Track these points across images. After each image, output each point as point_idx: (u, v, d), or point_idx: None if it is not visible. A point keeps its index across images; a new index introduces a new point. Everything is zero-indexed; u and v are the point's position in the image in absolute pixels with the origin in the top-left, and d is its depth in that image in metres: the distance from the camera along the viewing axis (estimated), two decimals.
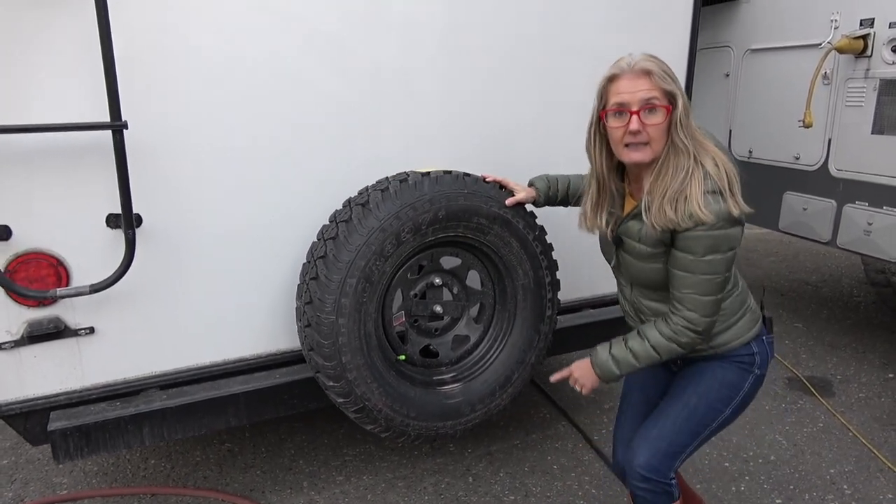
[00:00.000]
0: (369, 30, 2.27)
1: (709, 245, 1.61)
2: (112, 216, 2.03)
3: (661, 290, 1.79)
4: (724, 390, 1.83)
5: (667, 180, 1.63)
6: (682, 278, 1.67)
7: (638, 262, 1.77)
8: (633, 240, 1.75)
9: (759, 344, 1.84)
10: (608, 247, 1.91)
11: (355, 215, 2.05)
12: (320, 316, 2.03)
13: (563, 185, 2.24)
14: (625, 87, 1.64)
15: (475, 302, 2.44)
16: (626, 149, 1.67)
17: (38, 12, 1.84)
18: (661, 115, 1.62)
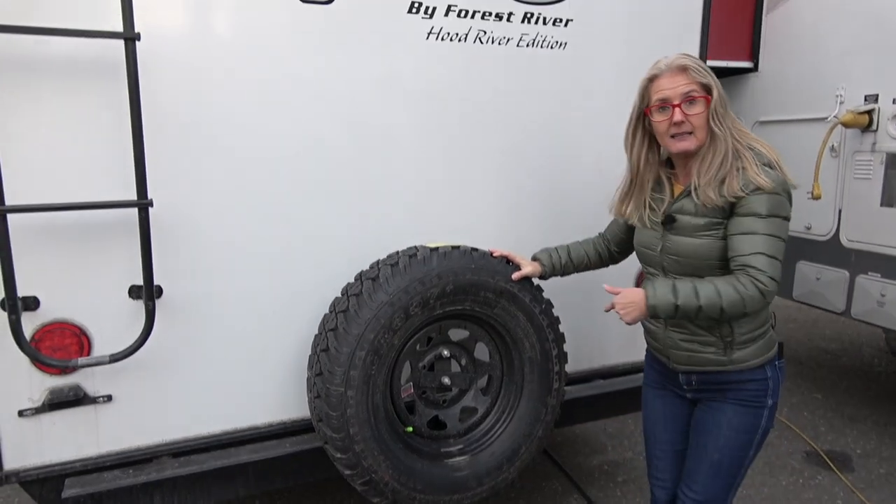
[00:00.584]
0: (384, 107, 2.40)
1: (771, 206, 1.73)
2: (134, 288, 2.12)
3: (700, 275, 1.85)
4: (742, 437, 1.90)
5: (715, 161, 1.79)
6: (748, 240, 1.74)
7: (689, 237, 1.86)
8: (689, 214, 1.86)
9: (773, 368, 1.91)
10: (649, 235, 1.99)
11: (366, 289, 2.12)
12: (329, 388, 2.08)
13: (565, 255, 2.33)
14: (665, 83, 1.84)
15: (483, 374, 2.47)
16: (672, 140, 1.85)
17: (71, 96, 1.98)
18: (701, 105, 1.80)
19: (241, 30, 2.17)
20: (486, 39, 2.54)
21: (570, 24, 2.67)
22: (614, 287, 1.96)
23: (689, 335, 1.93)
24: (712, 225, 1.82)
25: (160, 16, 2.05)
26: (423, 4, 2.41)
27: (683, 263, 1.89)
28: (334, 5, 2.28)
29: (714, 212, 1.81)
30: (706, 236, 1.84)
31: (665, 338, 2.00)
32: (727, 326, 1.86)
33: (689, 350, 1.94)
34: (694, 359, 1.94)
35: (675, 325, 1.95)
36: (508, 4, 2.55)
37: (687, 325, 1.92)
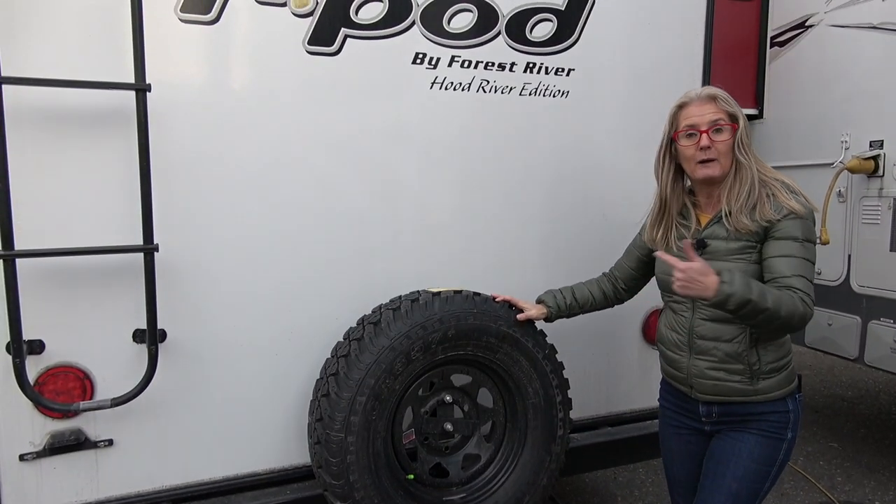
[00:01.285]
0: (390, 155, 2.45)
1: (805, 230, 1.81)
2: (138, 331, 2.14)
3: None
4: (761, 468, 1.89)
5: (743, 189, 1.86)
6: (787, 262, 1.79)
7: (722, 261, 1.88)
8: (722, 239, 1.90)
9: (794, 401, 1.93)
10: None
11: (367, 334, 2.12)
12: (329, 433, 2.06)
13: (570, 296, 2.34)
14: (694, 111, 1.92)
15: (486, 420, 2.45)
16: (698, 166, 1.91)
17: (81, 143, 2.04)
18: (727, 133, 1.88)
19: (249, 80, 2.24)
20: (489, 89, 2.60)
21: (573, 73, 2.73)
22: (674, 259, 1.83)
23: (716, 363, 1.92)
24: (746, 248, 1.86)
25: (170, 68, 2.12)
26: (428, 55, 2.47)
27: None
28: (340, 56, 2.35)
29: (748, 235, 1.86)
30: (740, 260, 1.87)
31: (690, 367, 1.98)
32: (755, 354, 1.88)
33: (716, 379, 1.93)
34: (720, 388, 1.93)
35: (700, 352, 1.95)
36: (511, 55, 2.61)
37: (714, 353, 1.92)
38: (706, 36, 3.00)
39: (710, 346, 1.92)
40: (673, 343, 2.04)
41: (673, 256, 1.88)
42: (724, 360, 1.91)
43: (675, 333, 2.03)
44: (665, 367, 2.12)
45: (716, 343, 1.92)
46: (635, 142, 2.87)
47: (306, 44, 2.29)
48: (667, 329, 2.07)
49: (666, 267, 1.99)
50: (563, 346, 2.57)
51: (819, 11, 3.99)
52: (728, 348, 1.90)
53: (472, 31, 2.53)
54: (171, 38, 2.12)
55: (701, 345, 1.95)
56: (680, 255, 1.95)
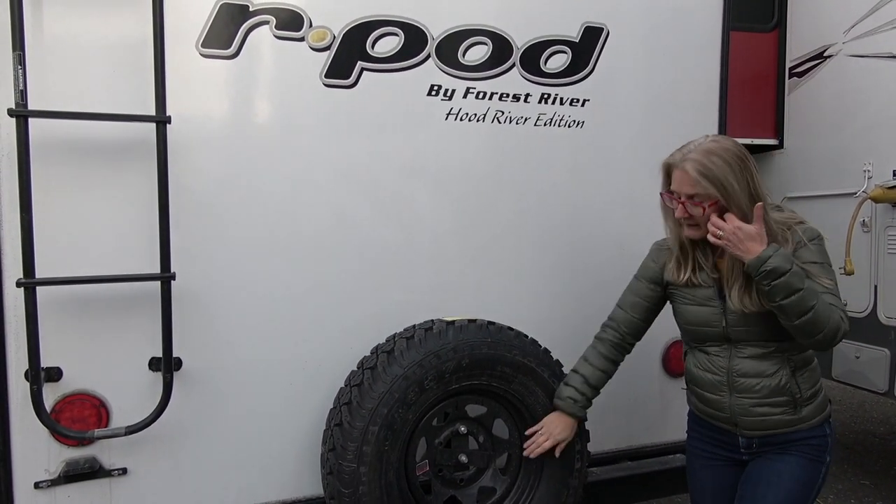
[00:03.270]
0: (405, 186, 2.47)
1: (822, 255, 1.83)
2: (154, 360, 2.15)
3: (766, 341, 1.86)
4: (802, 490, 1.87)
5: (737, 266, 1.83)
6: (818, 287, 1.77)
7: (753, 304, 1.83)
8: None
9: (829, 426, 1.94)
10: (705, 312, 1.94)
11: (380, 362, 2.11)
12: (342, 463, 2.04)
13: (589, 390, 2.21)
14: (675, 177, 1.88)
15: (502, 452, 2.41)
16: (682, 226, 1.91)
17: (102, 173, 2.09)
18: (700, 210, 1.83)
19: (267, 113, 2.29)
20: (503, 119, 2.62)
21: (587, 103, 2.74)
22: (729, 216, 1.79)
23: (760, 398, 1.88)
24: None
25: (190, 101, 2.17)
26: (443, 87, 2.51)
27: (753, 330, 1.88)
28: (357, 89, 2.39)
29: None
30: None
31: (733, 405, 1.93)
32: (796, 383, 1.86)
33: (762, 415, 1.89)
34: (766, 423, 1.89)
35: (743, 390, 1.90)
36: (526, 86, 2.63)
37: (757, 389, 1.88)
38: (721, 67, 2.99)
39: (753, 383, 1.88)
40: (710, 384, 1.97)
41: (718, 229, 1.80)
42: (769, 395, 1.87)
43: (711, 374, 1.97)
44: (702, 407, 2.05)
45: (759, 380, 1.88)
46: (652, 172, 2.82)
47: (323, 77, 2.34)
48: (700, 371, 2.00)
49: (699, 317, 1.97)
50: None
51: (837, 42, 3.98)
52: (771, 383, 1.87)
53: (486, 64, 2.56)
54: (193, 73, 2.18)
55: (743, 383, 1.90)
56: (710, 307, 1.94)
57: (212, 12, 2.17)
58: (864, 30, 3.79)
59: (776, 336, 1.86)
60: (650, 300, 2.17)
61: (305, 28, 2.30)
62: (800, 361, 1.90)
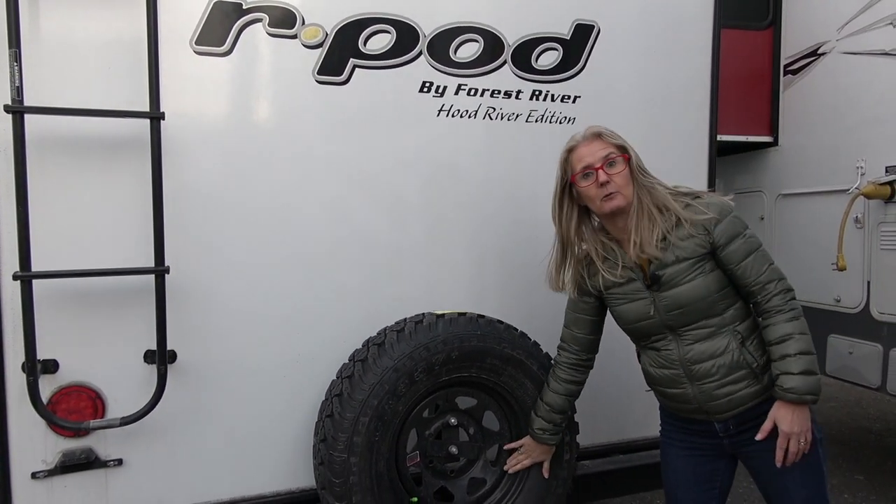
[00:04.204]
0: (397, 182, 2.49)
1: (740, 225, 1.87)
2: (150, 352, 2.18)
3: (706, 319, 1.90)
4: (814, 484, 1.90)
5: (643, 218, 1.90)
6: (751, 263, 1.85)
7: (681, 284, 1.89)
8: (671, 265, 1.90)
9: (819, 428, 1.92)
10: (637, 306, 1.98)
11: (371, 355, 2.15)
12: (333, 454, 2.08)
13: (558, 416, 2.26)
14: (584, 151, 1.96)
15: (492, 443, 2.44)
16: (602, 201, 1.92)
17: (97, 168, 2.12)
18: (621, 164, 1.92)
19: (260, 109, 2.32)
20: (495, 116, 2.64)
21: (579, 100, 2.77)
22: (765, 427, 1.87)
23: (720, 379, 1.90)
24: (697, 262, 1.88)
25: (184, 98, 2.20)
26: (435, 84, 2.54)
27: (688, 312, 1.90)
28: (349, 86, 2.42)
29: (693, 251, 1.88)
30: (697, 275, 1.88)
31: (698, 395, 1.94)
32: (748, 353, 1.89)
33: (728, 395, 1.90)
34: (734, 401, 1.91)
35: (701, 377, 1.91)
36: (517, 83, 2.66)
37: (714, 371, 1.89)
38: (713, 64, 3.01)
39: (708, 366, 1.90)
40: (669, 380, 1.99)
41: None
42: (727, 373, 1.89)
43: (667, 370, 1.98)
44: (669, 404, 2.07)
45: (712, 361, 1.89)
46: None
47: (316, 74, 2.36)
48: (656, 368, 2.02)
49: (632, 313, 1.99)
50: None
51: (831, 39, 4.00)
52: (725, 360, 1.89)
53: (478, 61, 2.59)
54: (187, 70, 2.21)
55: (699, 369, 1.91)
56: (639, 299, 1.97)
57: (205, 10, 2.20)
58: (858, 27, 3.81)
59: (712, 312, 1.90)
60: (590, 312, 2.17)
61: (298, 26, 2.33)
62: (745, 331, 1.91)
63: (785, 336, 1.81)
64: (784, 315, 1.83)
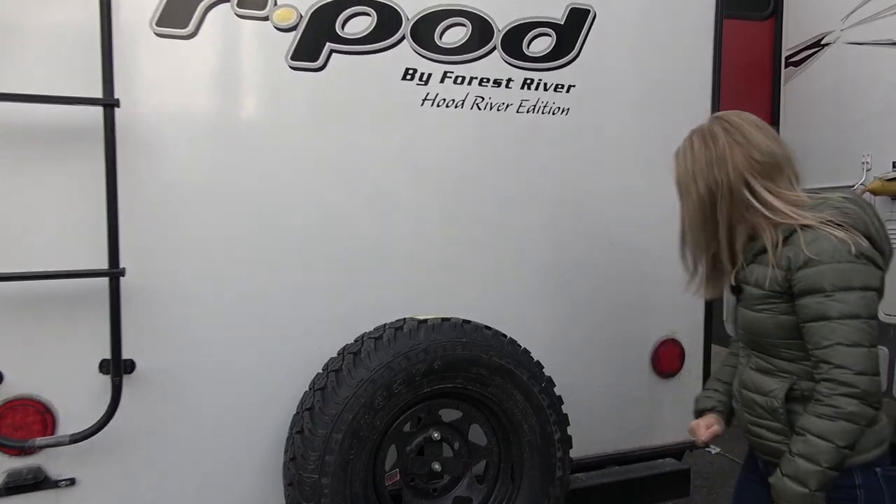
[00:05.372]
0: (376, 175, 2.33)
1: (834, 277, 1.42)
2: (105, 362, 2.01)
3: (769, 356, 1.61)
4: None
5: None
6: (816, 329, 1.45)
7: (750, 309, 1.62)
8: (751, 284, 1.61)
9: (868, 475, 1.49)
10: (731, 307, 1.83)
11: (346, 365, 1.98)
12: (303, 474, 1.90)
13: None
14: None
15: (478, 459, 2.27)
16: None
17: (46, 165, 1.94)
18: None
19: (228, 97, 2.16)
20: (484, 105, 2.48)
21: (573, 90, 2.60)
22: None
23: (756, 418, 1.64)
24: (768, 298, 1.57)
25: (143, 84, 2.02)
26: (418, 71, 2.37)
27: (753, 339, 1.65)
28: (326, 72, 2.24)
29: (769, 283, 1.55)
30: (763, 310, 1.58)
31: (740, 418, 1.72)
32: (787, 413, 1.56)
33: (759, 437, 1.64)
34: (764, 447, 1.64)
35: (745, 404, 1.68)
36: (507, 71, 2.49)
37: (754, 406, 1.64)
38: (715, 54, 2.85)
39: (752, 398, 1.65)
40: (734, 392, 1.78)
41: None
42: (762, 415, 1.63)
43: (735, 381, 1.77)
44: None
45: (757, 396, 1.64)
46: (642, 163, 2.73)
47: (289, 59, 2.20)
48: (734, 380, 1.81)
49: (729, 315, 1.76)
50: (565, 379, 2.41)
51: (835, 29, 3.84)
52: (766, 403, 1.61)
53: (465, 46, 2.42)
54: (145, 53, 2.03)
55: (745, 396, 1.68)
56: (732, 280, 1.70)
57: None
58: (864, 16, 3.65)
59: (775, 353, 1.61)
60: None
61: (270, 6, 2.15)
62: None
63: (800, 430, 1.49)
64: (817, 407, 1.46)
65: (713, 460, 4.45)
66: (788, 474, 1.47)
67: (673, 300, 2.83)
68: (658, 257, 2.77)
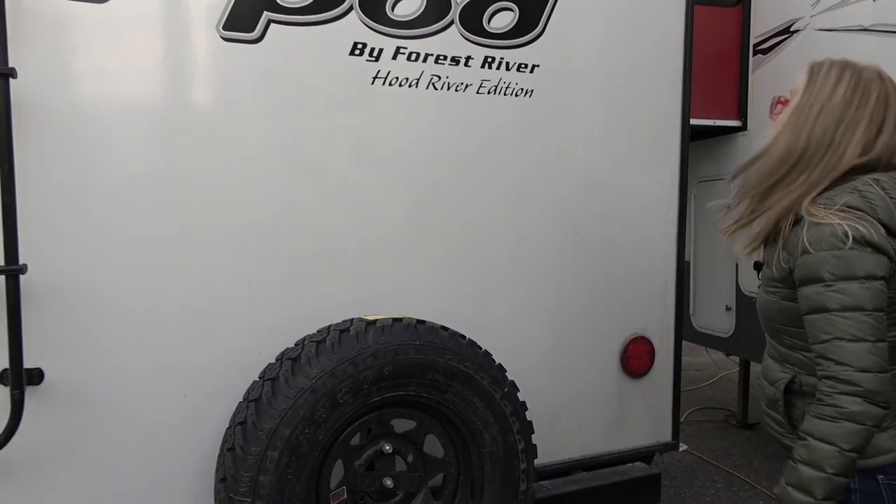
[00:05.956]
0: (321, 159, 2.13)
1: (832, 265, 1.30)
2: (4, 372, 1.75)
3: (776, 339, 1.52)
4: None
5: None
6: (813, 321, 1.33)
7: (763, 291, 1.51)
8: (766, 264, 1.49)
9: (870, 481, 1.38)
10: None
11: (283, 372, 1.75)
12: (233, 497, 1.68)
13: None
14: None
15: (435, 473, 2.07)
16: None
17: None
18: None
19: (148, 69, 1.91)
20: (440, 85, 2.28)
21: (537, 70, 2.41)
22: None
23: (765, 404, 1.56)
24: (775, 281, 1.46)
25: (47, 53, 1.77)
26: (368, 46, 2.16)
27: (763, 323, 1.55)
28: (263, 44, 2.02)
29: (777, 266, 1.44)
30: (770, 293, 1.48)
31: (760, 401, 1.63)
32: (784, 406, 1.48)
33: (767, 424, 1.56)
34: (771, 435, 1.56)
35: (760, 388, 1.58)
36: (466, 48, 2.30)
37: (764, 392, 1.55)
38: (686, 37, 2.69)
39: (763, 384, 1.57)
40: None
41: None
42: (769, 404, 1.54)
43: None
44: None
45: (764, 382, 1.56)
46: (610, 150, 2.56)
47: (221, 29, 1.97)
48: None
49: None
50: (529, 382, 2.26)
51: (805, 15, 3.74)
52: (769, 393, 1.53)
53: (420, 20, 2.22)
54: (49, 19, 1.78)
55: (762, 380, 1.59)
56: None
57: None
58: (834, 2, 3.55)
59: (779, 340, 1.51)
60: None
61: None
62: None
63: (803, 434, 1.36)
64: (820, 408, 1.33)
65: (681, 458, 4.34)
66: (792, 483, 1.33)
67: (642, 296, 2.70)
68: (627, 250, 2.63)
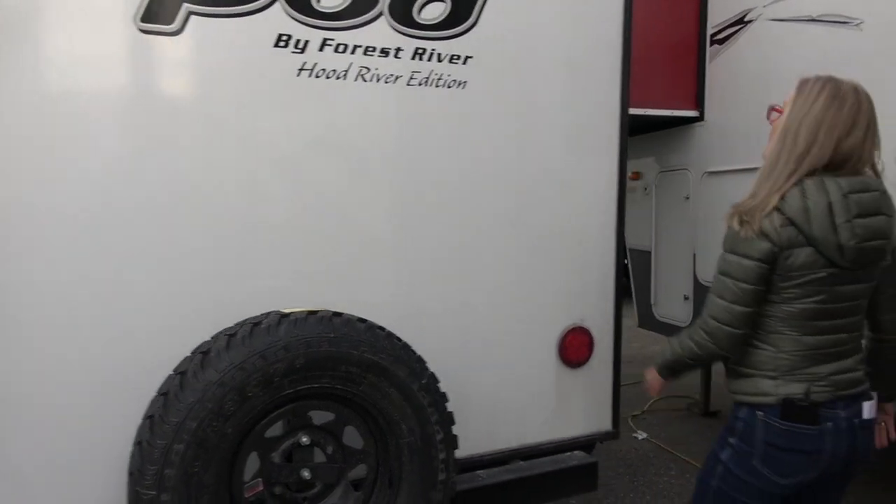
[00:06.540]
0: (245, 153, 2.11)
1: (729, 241, 1.70)
2: None
3: None
4: (707, 462, 1.83)
5: None
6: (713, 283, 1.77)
7: None
8: None
9: (749, 415, 1.71)
10: None
11: (192, 366, 1.75)
12: (139, 490, 1.68)
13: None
14: None
15: (354, 464, 2.08)
16: None
17: None
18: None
19: (57, 63, 1.88)
20: (369, 77, 2.27)
21: (470, 61, 2.40)
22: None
23: None
24: None
25: None
26: (294, 37, 2.14)
27: None
28: (183, 36, 2.00)
29: None
30: None
31: None
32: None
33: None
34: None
35: None
36: (396, 39, 2.29)
37: None
38: (624, 28, 2.68)
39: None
40: None
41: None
42: None
43: None
44: None
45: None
46: (545, 142, 2.56)
47: (138, 21, 1.95)
48: None
49: None
50: (463, 372, 2.30)
51: (758, 6, 3.73)
52: None
53: (347, 11, 2.21)
54: None
55: None
56: None
57: None
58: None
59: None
60: None
61: None
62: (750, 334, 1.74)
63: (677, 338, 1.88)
64: (688, 330, 1.84)
65: (638, 446, 4.37)
66: (663, 353, 1.90)
67: (581, 286, 2.70)
68: (565, 241, 2.64)
